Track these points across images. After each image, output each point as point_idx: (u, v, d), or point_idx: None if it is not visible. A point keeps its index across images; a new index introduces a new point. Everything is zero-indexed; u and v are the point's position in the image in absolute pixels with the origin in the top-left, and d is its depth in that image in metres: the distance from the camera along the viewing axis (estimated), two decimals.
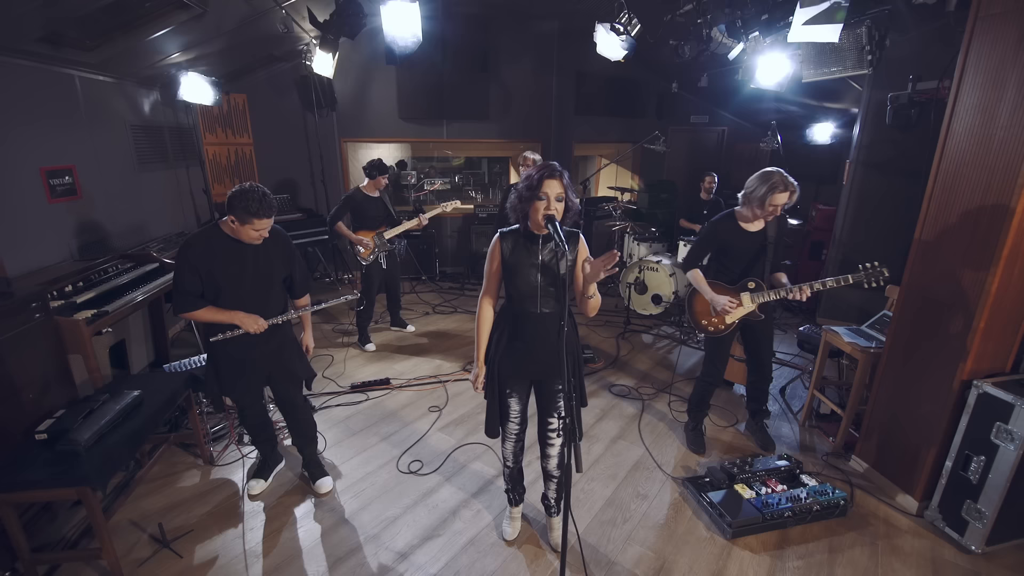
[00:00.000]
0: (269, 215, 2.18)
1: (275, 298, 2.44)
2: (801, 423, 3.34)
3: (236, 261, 2.27)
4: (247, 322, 2.28)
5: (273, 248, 2.34)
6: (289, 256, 2.44)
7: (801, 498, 2.50)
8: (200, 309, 2.25)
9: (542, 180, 1.79)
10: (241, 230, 2.18)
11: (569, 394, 1.57)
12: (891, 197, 4.40)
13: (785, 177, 2.53)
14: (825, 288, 2.55)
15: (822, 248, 5.50)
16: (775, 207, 2.55)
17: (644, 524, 2.48)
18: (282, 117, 5.86)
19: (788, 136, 5.92)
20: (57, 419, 2.22)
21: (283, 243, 2.41)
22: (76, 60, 3.47)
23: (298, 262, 2.50)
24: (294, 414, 2.66)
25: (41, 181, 3.22)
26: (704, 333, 2.91)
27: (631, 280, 5.12)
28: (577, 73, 6.56)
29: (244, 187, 2.12)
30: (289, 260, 2.44)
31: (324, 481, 2.70)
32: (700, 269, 2.82)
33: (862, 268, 2.50)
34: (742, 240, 2.72)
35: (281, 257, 2.41)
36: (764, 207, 2.56)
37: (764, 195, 2.53)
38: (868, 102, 4.33)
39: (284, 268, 2.44)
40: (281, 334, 2.50)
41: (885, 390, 2.72)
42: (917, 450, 2.55)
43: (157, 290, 3.25)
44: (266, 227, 2.21)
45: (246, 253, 2.28)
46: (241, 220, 2.14)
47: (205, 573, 2.19)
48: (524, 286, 1.94)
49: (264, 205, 2.14)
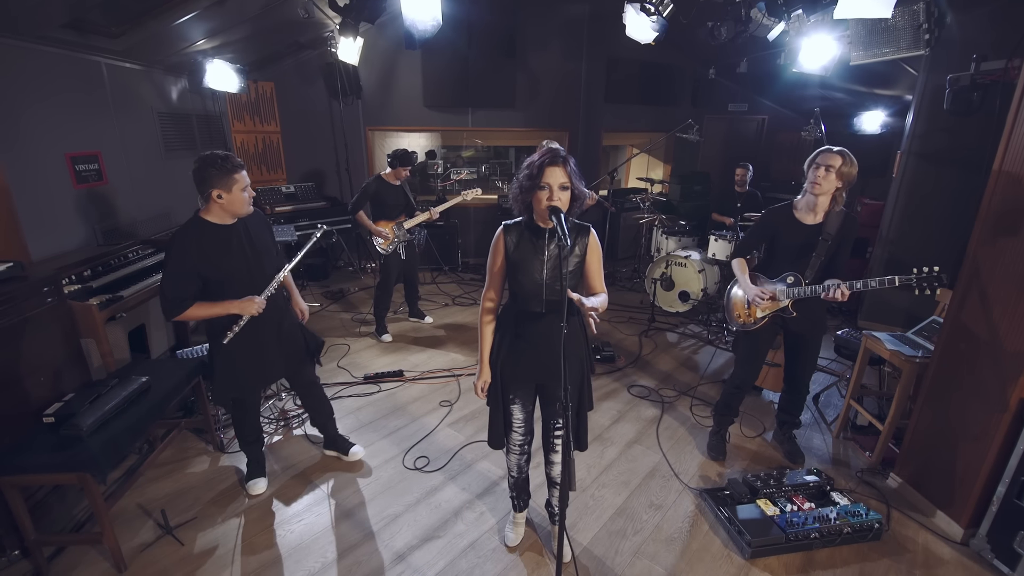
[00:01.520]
0: (244, 165, 2.10)
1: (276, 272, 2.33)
2: (835, 435, 3.10)
3: (228, 252, 2.16)
4: (244, 307, 2.18)
5: (256, 223, 2.27)
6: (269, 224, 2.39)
7: (830, 518, 2.30)
8: (189, 308, 2.11)
9: (543, 168, 1.64)
10: (231, 199, 2.06)
11: (566, 404, 1.44)
12: (945, 191, 4.04)
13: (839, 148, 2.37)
14: (867, 289, 2.32)
15: (867, 246, 5.14)
16: (819, 165, 2.33)
17: (656, 537, 2.34)
18: (309, 105, 5.88)
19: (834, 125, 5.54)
20: (65, 403, 2.23)
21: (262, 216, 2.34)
22: (103, 47, 3.51)
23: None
24: (312, 391, 2.66)
25: (67, 166, 3.28)
26: (735, 325, 2.75)
27: (657, 276, 4.91)
28: (608, 59, 6.32)
29: (204, 155, 2.02)
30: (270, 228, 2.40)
31: (356, 449, 2.78)
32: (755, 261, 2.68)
33: (916, 272, 2.23)
34: (792, 232, 2.51)
35: (266, 226, 2.35)
36: (811, 170, 2.38)
37: (813, 159, 2.38)
38: (924, 87, 3.96)
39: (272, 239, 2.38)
40: (284, 309, 2.44)
41: (931, 404, 2.48)
42: (965, 472, 2.30)
43: None
44: (249, 181, 2.13)
45: (235, 239, 2.17)
46: (226, 185, 2.03)
47: (204, 562, 2.18)
48: (529, 283, 1.81)
49: (233, 158, 2.06)
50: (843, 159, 2.32)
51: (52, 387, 2.38)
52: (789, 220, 2.52)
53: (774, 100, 7.05)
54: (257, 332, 2.29)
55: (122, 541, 2.23)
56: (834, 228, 2.43)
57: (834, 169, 2.32)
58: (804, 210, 2.50)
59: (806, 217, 2.49)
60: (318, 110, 5.91)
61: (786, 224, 2.53)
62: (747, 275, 2.63)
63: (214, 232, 2.13)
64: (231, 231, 2.17)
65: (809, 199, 2.45)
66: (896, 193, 4.32)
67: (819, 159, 2.36)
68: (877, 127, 5.51)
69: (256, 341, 2.31)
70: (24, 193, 2.94)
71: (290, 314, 2.50)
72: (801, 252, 2.49)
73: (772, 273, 2.61)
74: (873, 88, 5.20)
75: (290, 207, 5.52)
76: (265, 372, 2.44)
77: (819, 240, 2.44)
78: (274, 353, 2.40)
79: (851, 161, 2.33)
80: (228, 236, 2.16)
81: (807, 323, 2.57)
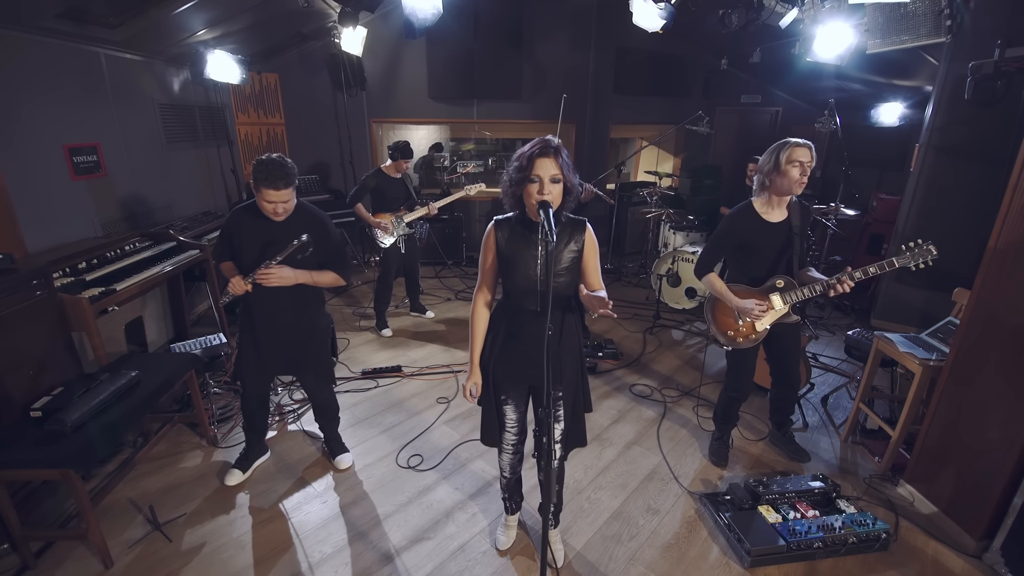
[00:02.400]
0: (277, 186, 2.05)
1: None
2: (843, 438, 2.99)
3: (259, 238, 2.21)
4: (232, 282, 2.20)
5: (299, 230, 2.18)
6: (321, 238, 2.27)
7: (835, 527, 2.21)
8: (221, 264, 2.38)
9: (533, 160, 1.55)
10: (259, 201, 2.12)
11: (548, 410, 1.36)
12: (965, 186, 3.87)
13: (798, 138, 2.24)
14: (868, 276, 2.21)
15: (882, 242, 4.98)
16: (796, 163, 2.18)
17: (652, 543, 2.26)
18: (313, 97, 5.82)
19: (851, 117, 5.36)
20: (54, 397, 2.22)
21: (313, 224, 2.26)
22: (101, 38, 3.48)
23: (331, 245, 2.34)
24: (314, 396, 2.65)
25: (65, 158, 3.26)
26: (732, 346, 2.53)
27: (663, 272, 4.80)
28: (617, 49, 6.16)
29: (263, 157, 2.05)
30: (321, 242, 2.27)
31: (343, 458, 2.71)
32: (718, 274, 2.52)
33: (906, 248, 2.16)
34: (765, 234, 2.36)
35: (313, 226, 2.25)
36: (781, 168, 2.21)
37: (778, 156, 2.22)
38: (945, 77, 3.78)
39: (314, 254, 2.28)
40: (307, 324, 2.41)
41: (945, 409, 2.36)
42: (980, 481, 2.19)
43: (173, 268, 3.25)
44: (279, 199, 2.09)
45: (271, 231, 2.20)
46: (256, 190, 2.08)
47: (191, 560, 2.15)
48: (522, 281, 1.72)
49: (271, 174, 2.02)
50: (811, 151, 2.21)
51: (42, 380, 2.36)
52: (757, 223, 2.36)
53: (788, 91, 6.86)
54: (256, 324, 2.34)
55: (111, 536, 2.22)
56: (799, 219, 2.34)
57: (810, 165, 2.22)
58: (768, 209, 2.36)
59: (772, 215, 2.36)
60: (322, 102, 5.85)
61: (756, 228, 2.36)
62: (727, 289, 2.44)
63: (255, 216, 2.20)
64: (269, 223, 2.20)
65: (772, 197, 2.32)
66: (914, 188, 4.16)
67: (796, 156, 2.18)
68: (895, 119, 5.31)
69: (256, 336, 2.36)
70: (21, 185, 2.92)
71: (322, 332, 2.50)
72: (780, 253, 2.38)
73: (754, 281, 2.45)
74: (891, 79, 5.01)
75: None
76: (264, 366, 2.43)
77: (792, 237, 2.34)
78: (273, 350, 2.39)
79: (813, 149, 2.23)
80: (263, 226, 2.20)
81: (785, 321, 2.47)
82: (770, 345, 2.62)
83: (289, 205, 2.15)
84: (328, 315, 2.61)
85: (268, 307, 2.30)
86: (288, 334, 2.38)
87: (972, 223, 3.77)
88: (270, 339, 2.36)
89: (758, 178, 2.33)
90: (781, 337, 2.53)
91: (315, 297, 2.44)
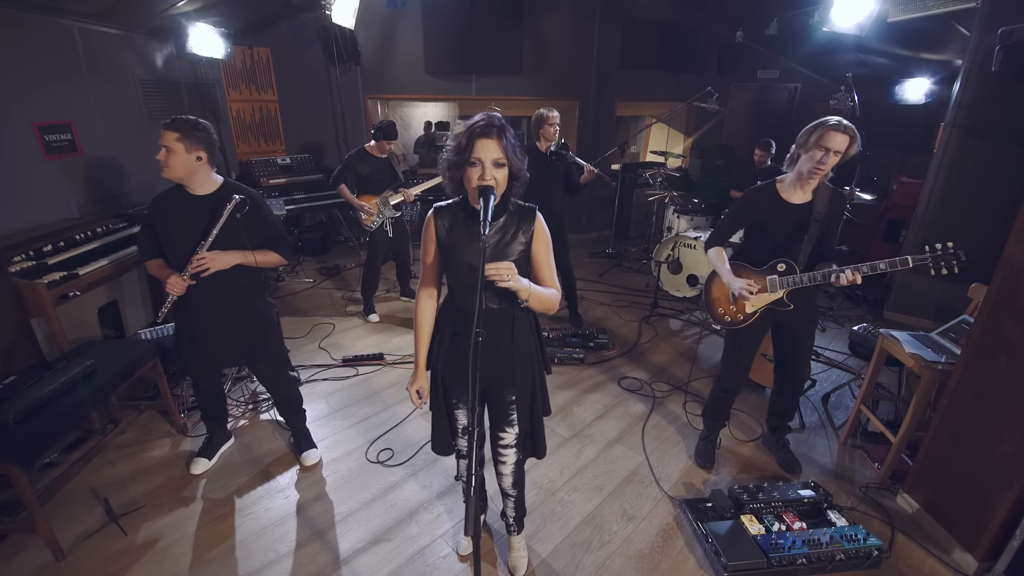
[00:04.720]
0: (165, 126, 1.99)
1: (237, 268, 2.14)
2: (842, 441, 2.80)
3: (185, 223, 2.08)
4: (168, 283, 2.04)
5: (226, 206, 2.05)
6: (253, 213, 2.12)
7: (822, 542, 2.04)
8: (148, 262, 2.17)
9: (473, 140, 1.37)
10: None
11: (472, 425, 1.21)
12: (991, 170, 3.56)
13: (843, 120, 1.98)
14: (875, 272, 2.00)
15: (900, 228, 4.67)
16: (823, 147, 1.98)
17: (624, 552, 2.13)
18: (306, 72, 5.64)
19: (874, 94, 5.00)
20: (4, 387, 2.15)
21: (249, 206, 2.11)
22: (72, 10, 3.33)
23: (265, 221, 2.18)
24: (271, 387, 2.53)
25: (35, 136, 3.16)
26: (720, 324, 2.42)
27: (663, 257, 4.58)
28: (624, 20, 5.84)
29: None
30: (254, 217, 2.13)
31: (309, 454, 2.60)
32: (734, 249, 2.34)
33: (929, 249, 1.93)
34: (780, 213, 2.17)
35: (245, 222, 2.10)
36: (809, 147, 2.01)
37: (811, 133, 2.01)
38: (976, 47, 3.44)
39: (249, 235, 2.13)
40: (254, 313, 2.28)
41: (952, 417, 2.16)
42: (986, 497, 1.99)
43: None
44: (161, 141, 1.98)
45: (200, 210, 2.06)
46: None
47: (143, 555, 2.08)
48: (464, 275, 1.56)
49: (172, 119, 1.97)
50: (851, 139, 1.97)
51: None
52: (775, 201, 2.18)
53: (808, 66, 6.46)
54: (194, 317, 2.19)
55: (66, 527, 2.17)
56: (824, 206, 2.11)
57: (841, 154, 1.98)
58: (791, 188, 2.16)
59: (793, 196, 2.15)
60: (316, 78, 5.66)
61: (772, 206, 2.19)
62: (727, 265, 2.30)
63: (177, 194, 2.10)
64: (191, 202, 2.08)
65: (800, 177, 2.11)
66: (936, 171, 3.84)
67: (825, 141, 1.97)
68: (921, 96, 4.94)
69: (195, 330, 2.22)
70: None
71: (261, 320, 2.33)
72: (792, 236, 2.16)
73: (757, 261, 2.28)
74: (919, 52, 4.63)
75: (284, 179, 5.36)
76: (211, 357, 2.31)
77: (811, 221, 2.12)
78: (219, 343, 2.26)
79: (858, 139, 1.98)
80: (183, 206, 2.09)
81: (799, 316, 2.27)
82: (779, 341, 2.44)
83: (171, 154, 2.00)
84: (271, 302, 2.46)
85: (205, 299, 2.15)
86: (235, 325, 2.25)
87: (996, 210, 3.48)
88: (213, 332, 2.23)
89: (793, 151, 2.14)
90: (792, 331, 2.34)
91: (256, 283, 2.29)
